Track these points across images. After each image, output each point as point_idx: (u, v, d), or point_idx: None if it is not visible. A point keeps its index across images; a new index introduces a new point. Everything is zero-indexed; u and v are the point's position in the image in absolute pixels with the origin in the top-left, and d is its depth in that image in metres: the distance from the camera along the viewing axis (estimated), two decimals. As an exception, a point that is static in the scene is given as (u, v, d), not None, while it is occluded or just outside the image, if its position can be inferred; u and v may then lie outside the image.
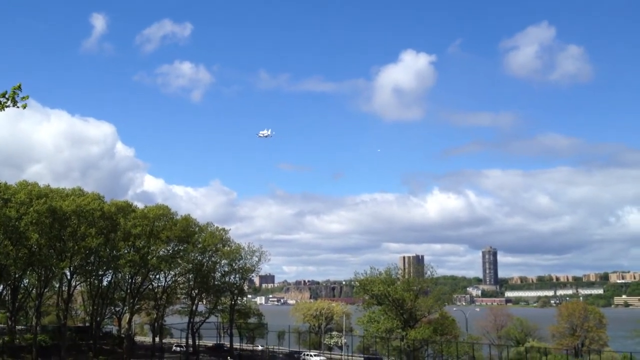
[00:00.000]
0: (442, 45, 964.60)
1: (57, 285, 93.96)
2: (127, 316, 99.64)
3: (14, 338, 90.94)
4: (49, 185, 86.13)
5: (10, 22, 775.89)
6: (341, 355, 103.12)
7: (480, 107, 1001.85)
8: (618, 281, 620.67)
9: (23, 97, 12.24)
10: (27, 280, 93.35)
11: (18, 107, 12.24)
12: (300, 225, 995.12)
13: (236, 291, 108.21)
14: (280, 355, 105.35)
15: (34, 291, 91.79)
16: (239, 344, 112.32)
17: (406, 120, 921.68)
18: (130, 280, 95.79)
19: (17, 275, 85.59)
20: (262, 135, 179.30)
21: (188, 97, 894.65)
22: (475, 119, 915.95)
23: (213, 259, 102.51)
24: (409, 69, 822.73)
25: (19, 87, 12.15)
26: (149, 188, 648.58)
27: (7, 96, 12.07)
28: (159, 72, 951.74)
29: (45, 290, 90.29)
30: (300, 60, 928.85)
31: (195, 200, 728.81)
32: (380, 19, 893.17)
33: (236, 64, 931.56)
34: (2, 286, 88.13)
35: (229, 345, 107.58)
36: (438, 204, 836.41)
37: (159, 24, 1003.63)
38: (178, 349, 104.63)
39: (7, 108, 12.19)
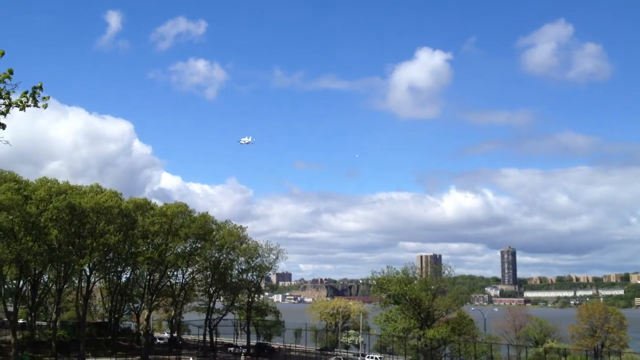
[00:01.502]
0: (457, 43, 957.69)
1: (77, 282, 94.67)
2: (145, 312, 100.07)
3: (34, 333, 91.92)
4: (68, 182, 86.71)
5: (26, 19, 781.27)
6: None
7: (497, 106, 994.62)
8: (639, 282, 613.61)
9: (44, 97, 12.17)
10: (46, 276, 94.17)
11: (39, 107, 12.17)
12: (316, 224, 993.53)
13: (253, 289, 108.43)
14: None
15: (53, 287, 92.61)
16: (253, 341, 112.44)
17: (421, 118, 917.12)
18: (148, 277, 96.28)
19: (37, 271, 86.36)
20: (243, 142, 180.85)
21: (203, 95, 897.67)
22: (492, 117, 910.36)
23: (230, 256, 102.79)
24: (424, 66, 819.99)
25: (40, 87, 12.06)
26: (166, 185, 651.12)
27: (27, 96, 12.01)
28: (174, 69, 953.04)
29: (65, 286, 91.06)
30: (314, 58, 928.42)
31: (212, 198, 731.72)
32: (395, 16, 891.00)
33: (251, 62, 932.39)
34: (22, 282, 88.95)
35: (275, 346, 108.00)
36: (455, 203, 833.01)
37: (173, 22, 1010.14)
38: (231, 349, 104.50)
39: (28, 107, 12.15)
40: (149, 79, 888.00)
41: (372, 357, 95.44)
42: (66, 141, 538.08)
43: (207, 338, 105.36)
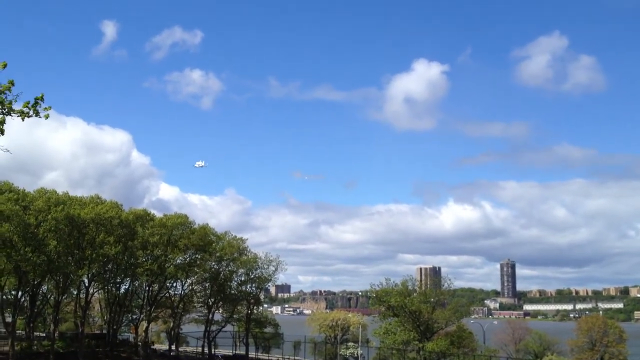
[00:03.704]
0: (454, 55, 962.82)
1: (75, 293, 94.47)
2: (144, 324, 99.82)
3: (32, 344, 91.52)
4: (67, 193, 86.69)
5: (21, 27, 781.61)
6: None
7: (493, 117, 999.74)
8: (638, 295, 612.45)
9: (45, 108, 12.27)
10: (45, 287, 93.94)
11: (40, 117, 12.28)
12: (314, 235, 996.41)
13: (252, 300, 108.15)
14: None
15: (52, 298, 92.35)
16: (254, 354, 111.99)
17: (418, 129, 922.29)
18: (147, 288, 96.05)
19: (35, 282, 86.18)
20: (197, 165, 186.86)
21: (198, 105, 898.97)
22: (488, 129, 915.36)
23: (230, 268, 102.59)
24: (420, 78, 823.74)
25: (42, 98, 12.17)
26: (165, 196, 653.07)
27: (29, 106, 12.11)
28: (169, 79, 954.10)
29: (64, 297, 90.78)
30: (310, 69, 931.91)
31: (210, 209, 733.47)
32: (392, 27, 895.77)
33: (246, 71, 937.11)
34: (21, 292, 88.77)
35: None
36: (453, 215, 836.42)
37: (169, 31, 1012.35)
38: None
39: (29, 118, 12.23)
40: (144, 88, 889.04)
41: None
42: (64, 151, 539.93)
43: (206, 350, 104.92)
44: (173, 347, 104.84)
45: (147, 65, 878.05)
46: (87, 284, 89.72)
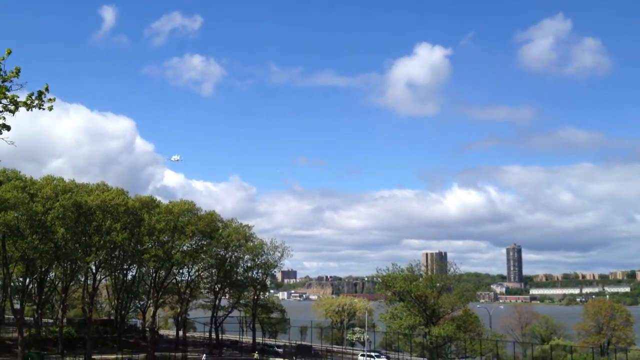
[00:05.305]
0: (456, 38, 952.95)
1: (83, 279, 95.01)
2: (151, 310, 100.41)
3: (41, 330, 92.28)
4: (74, 180, 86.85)
5: (21, 15, 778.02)
6: None
7: (497, 101, 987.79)
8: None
9: (50, 99, 12.27)
10: (53, 274, 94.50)
11: (44, 108, 12.26)
12: (319, 221, 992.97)
13: (259, 286, 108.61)
14: None
15: (59, 285, 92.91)
16: (261, 339, 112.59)
17: (421, 114, 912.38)
18: (154, 275, 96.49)
19: (43, 269, 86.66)
20: (173, 159, 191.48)
21: (200, 91, 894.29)
22: (492, 113, 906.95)
23: (236, 254, 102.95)
24: (423, 62, 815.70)
25: (47, 89, 12.17)
26: (170, 183, 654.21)
27: (33, 98, 12.09)
28: (169, 65, 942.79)
29: (71, 283, 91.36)
30: (312, 54, 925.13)
31: (215, 196, 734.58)
32: (394, 11, 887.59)
33: (246, 57, 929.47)
34: (29, 279, 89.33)
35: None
36: (458, 200, 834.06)
37: (168, 17, 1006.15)
38: (280, 350, 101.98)
39: (34, 108, 12.22)
40: (144, 74, 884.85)
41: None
42: (68, 139, 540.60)
43: (213, 335, 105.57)
44: (180, 333, 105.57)
45: (147, 51, 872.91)
46: (94, 271, 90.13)
